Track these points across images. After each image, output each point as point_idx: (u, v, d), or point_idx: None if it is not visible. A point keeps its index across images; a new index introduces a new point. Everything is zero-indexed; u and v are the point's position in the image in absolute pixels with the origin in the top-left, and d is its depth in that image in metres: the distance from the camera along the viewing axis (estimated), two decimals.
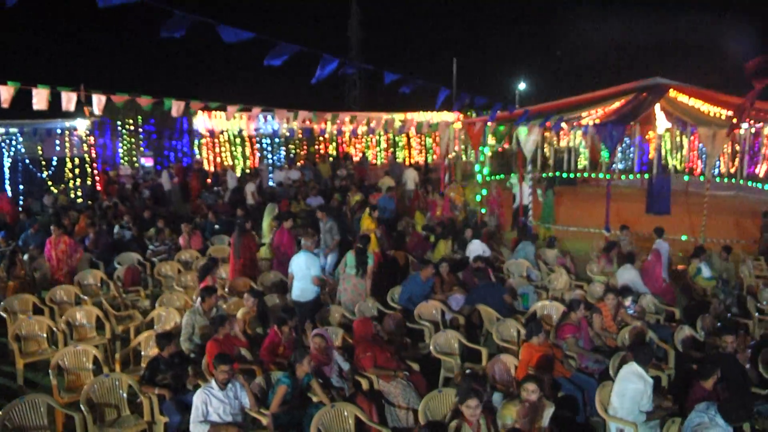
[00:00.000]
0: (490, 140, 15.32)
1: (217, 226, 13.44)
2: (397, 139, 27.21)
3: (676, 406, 6.10)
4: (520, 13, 49.93)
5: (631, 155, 24.88)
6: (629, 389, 5.86)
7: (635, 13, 39.45)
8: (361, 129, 23.70)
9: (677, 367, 7.34)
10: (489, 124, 14.05)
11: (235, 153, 22.69)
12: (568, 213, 16.36)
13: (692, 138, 22.63)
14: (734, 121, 13.45)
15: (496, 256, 11.77)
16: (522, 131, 13.23)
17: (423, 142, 28.29)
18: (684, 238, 13.36)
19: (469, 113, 21.71)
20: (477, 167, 15.13)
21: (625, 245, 11.54)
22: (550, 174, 23.90)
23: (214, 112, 20.87)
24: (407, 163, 26.51)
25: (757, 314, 8.90)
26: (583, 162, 25.39)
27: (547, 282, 10.36)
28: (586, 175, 24.71)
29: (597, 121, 15.78)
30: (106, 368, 6.77)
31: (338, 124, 21.57)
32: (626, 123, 13.74)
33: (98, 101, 11.39)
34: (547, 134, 22.77)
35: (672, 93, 15.14)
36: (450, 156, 17.27)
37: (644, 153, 22.97)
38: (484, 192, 14.46)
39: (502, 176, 20.63)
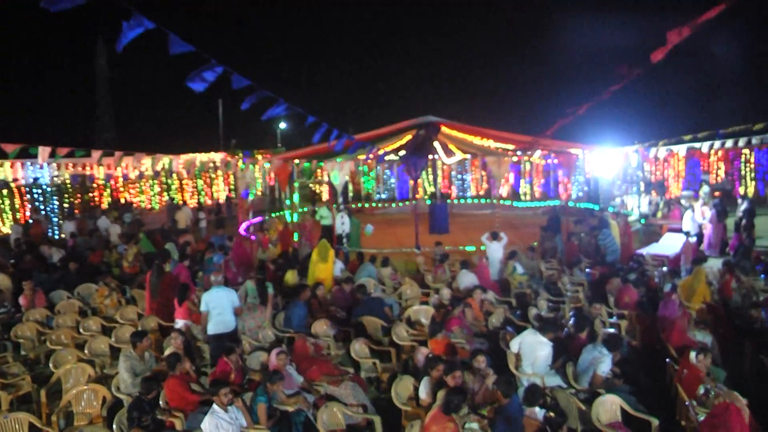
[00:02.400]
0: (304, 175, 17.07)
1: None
2: (170, 182, 27.10)
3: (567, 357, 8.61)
4: (283, 53, 53.05)
5: (392, 185, 28.73)
6: (542, 353, 8.17)
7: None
8: (133, 173, 23.45)
9: None
10: (296, 161, 15.86)
11: (2, 206, 21.21)
12: (372, 237, 18.70)
13: (445, 167, 27.31)
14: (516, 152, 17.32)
15: None
16: (332, 168, 15.27)
17: (195, 184, 28.56)
18: (471, 248, 16.67)
19: (236, 153, 23.13)
20: (288, 202, 16.78)
21: (442, 255, 14.35)
22: (352, 204, 26.24)
23: None
24: (188, 204, 26.61)
25: (568, 293, 12.20)
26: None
27: (399, 293, 12.49)
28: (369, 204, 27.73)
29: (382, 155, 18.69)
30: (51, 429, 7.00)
31: (111, 168, 21.27)
32: (422, 156, 16.70)
33: None
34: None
35: (444, 129, 18.68)
36: (258, 192, 18.57)
37: (405, 183, 26.92)
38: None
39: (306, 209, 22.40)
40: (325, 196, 27.10)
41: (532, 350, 8.09)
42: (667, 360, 8.40)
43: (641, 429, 6.69)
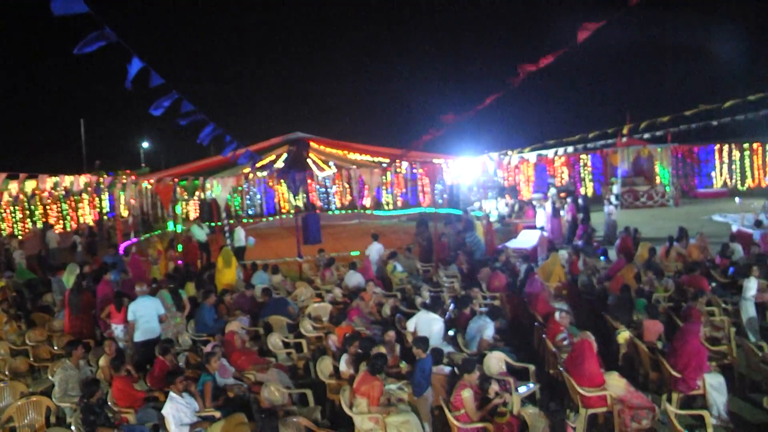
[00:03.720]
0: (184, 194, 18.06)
1: None
2: (33, 207, 26.44)
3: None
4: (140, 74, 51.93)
5: (259, 201, 29.94)
6: (436, 327, 10.02)
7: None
8: None
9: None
10: (176, 180, 16.91)
11: None
12: (253, 250, 19.99)
13: (310, 182, 28.94)
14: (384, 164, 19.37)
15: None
16: (216, 184, 16.49)
17: (60, 208, 27.94)
18: (355, 253, 18.51)
19: (101, 174, 23.43)
20: (171, 222, 17.74)
21: (328, 260, 16.07)
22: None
23: None
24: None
25: (446, 284, 14.28)
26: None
27: (294, 296, 13.98)
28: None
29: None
30: None
31: None
32: (300, 170, 18.29)
33: None
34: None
35: (313, 145, 20.40)
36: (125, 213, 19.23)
37: (270, 198, 28.30)
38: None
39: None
40: (193, 215, 27.93)
41: (429, 326, 9.90)
42: (536, 324, 10.57)
43: (521, 377, 8.71)
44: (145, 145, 42.38)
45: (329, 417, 8.60)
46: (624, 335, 9.33)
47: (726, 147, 35.07)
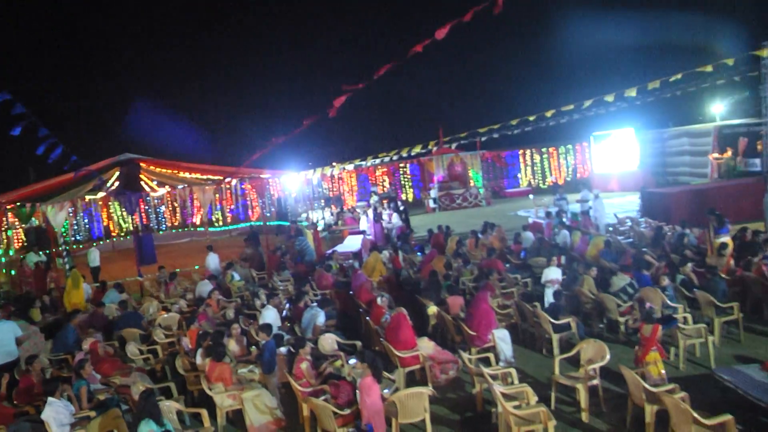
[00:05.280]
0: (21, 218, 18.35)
1: None
2: None
3: None
4: None
5: (86, 225, 29.80)
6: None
7: None
8: None
9: None
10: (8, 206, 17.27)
11: None
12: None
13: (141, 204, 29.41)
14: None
15: None
16: (50, 209, 17.09)
17: None
18: (197, 267, 19.80)
19: None
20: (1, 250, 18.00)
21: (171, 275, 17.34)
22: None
23: None
24: None
25: (281, 288, 16.05)
26: None
27: (142, 310, 15.15)
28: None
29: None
30: None
31: None
32: (135, 191, 19.15)
33: None
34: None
35: (144, 165, 21.29)
36: None
37: (97, 222, 28.46)
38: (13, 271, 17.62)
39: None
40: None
41: (269, 319, 11.70)
42: (361, 311, 12.65)
43: (351, 354, 10.69)
44: None
45: (192, 405, 10.07)
46: (432, 309, 11.70)
47: (528, 151, 39.93)
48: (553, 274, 12.02)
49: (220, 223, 33.05)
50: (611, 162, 34.22)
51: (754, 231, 14.87)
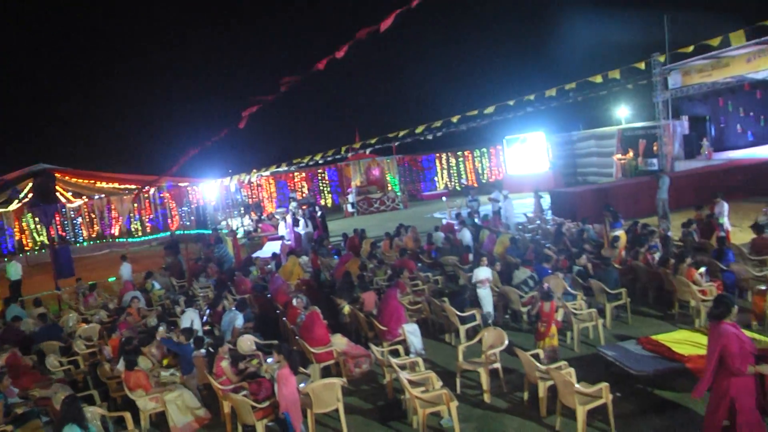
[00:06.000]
0: None
1: None
2: None
3: None
4: None
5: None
6: (197, 322, 12.15)
7: None
8: None
9: None
10: None
11: None
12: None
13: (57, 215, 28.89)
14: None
15: None
16: None
17: None
18: (112, 279, 19.78)
19: None
20: None
21: (90, 287, 17.37)
22: None
23: None
24: None
25: (201, 294, 16.35)
26: None
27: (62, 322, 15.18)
28: None
29: None
30: None
31: None
32: (50, 203, 18.96)
33: None
34: None
35: (59, 176, 21.05)
36: None
37: (9, 235, 27.81)
38: None
39: None
40: None
41: (188, 322, 12.07)
42: (278, 312, 13.15)
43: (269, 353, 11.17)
44: None
45: (115, 410, 10.33)
46: (346, 308, 12.30)
47: (444, 155, 41.15)
48: (482, 273, 12.62)
49: (140, 233, 32.81)
50: (524, 164, 35.67)
51: (644, 224, 16.07)
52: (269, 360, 10.57)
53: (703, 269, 11.85)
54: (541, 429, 8.22)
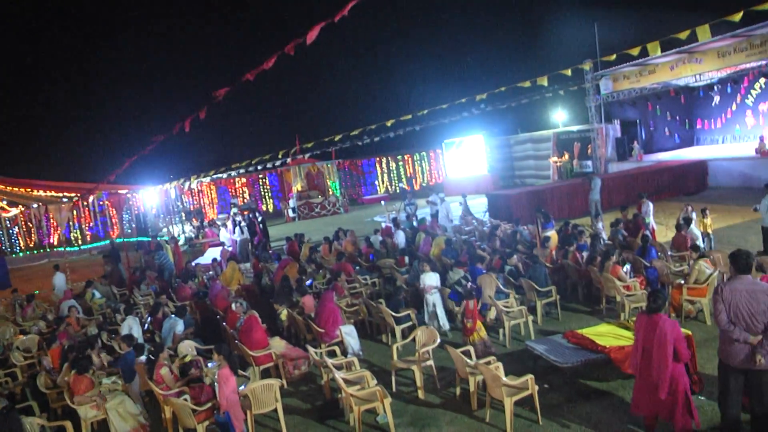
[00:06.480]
0: None
1: None
2: None
3: None
4: None
5: None
6: (136, 329, 12.30)
7: None
8: None
9: None
10: None
11: None
12: None
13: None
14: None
15: None
16: None
17: None
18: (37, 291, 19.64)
19: None
20: None
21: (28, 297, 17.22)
22: None
23: None
24: None
25: (141, 301, 16.42)
26: None
27: None
28: None
29: None
30: None
31: None
32: None
33: None
34: None
35: None
36: None
37: None
38: None
39: None
40: None
41: (128, 329, 12.22)
42: (218, 317, 13.38)
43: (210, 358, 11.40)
44: None
45: (55, 420, 10.41)
46: (284, 313, 12.61)
47: (384, 159, 41.70)
48: (429, 280, 12.96)
49: (80, 242, 32.34)
50: (463, 167, 36.42)
51: (574, 225, 16.80)
52: (210, 365, 10.83)
53: (627, 266, 12.55)
54: (472, 422, 8.64)
